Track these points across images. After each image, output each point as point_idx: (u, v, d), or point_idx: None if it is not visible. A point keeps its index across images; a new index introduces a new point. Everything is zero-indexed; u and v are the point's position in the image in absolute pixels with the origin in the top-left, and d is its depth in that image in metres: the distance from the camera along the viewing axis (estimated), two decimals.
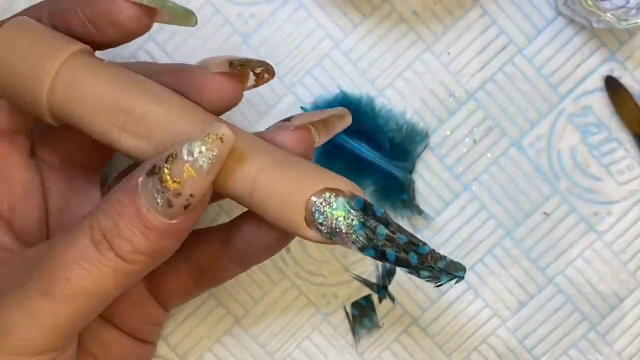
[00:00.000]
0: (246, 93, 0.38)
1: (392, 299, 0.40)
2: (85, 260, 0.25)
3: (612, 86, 0.39)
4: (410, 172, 0.39)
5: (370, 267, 0.39)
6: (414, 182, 0.39)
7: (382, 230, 0.27)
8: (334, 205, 0.27)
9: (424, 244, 0.27)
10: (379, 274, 0.40)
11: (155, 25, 0.38)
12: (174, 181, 0.25)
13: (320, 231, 0.27)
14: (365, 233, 0.27)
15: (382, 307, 0.40)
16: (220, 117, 0.30)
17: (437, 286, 0.27)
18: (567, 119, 0.39)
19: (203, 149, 0.25)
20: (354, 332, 0.40)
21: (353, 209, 0.27)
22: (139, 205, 0.25)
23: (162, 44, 0.38)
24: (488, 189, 0.39)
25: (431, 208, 0.39)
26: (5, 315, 0.26)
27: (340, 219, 0.27)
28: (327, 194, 0.27)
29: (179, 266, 0.32)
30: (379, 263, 0.39)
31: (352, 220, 0.27)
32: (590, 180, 0.39)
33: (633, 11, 0.36)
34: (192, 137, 0.25)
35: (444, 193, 0.39)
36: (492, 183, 0.39)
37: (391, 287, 0.40)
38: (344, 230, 0.27)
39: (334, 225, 0.27)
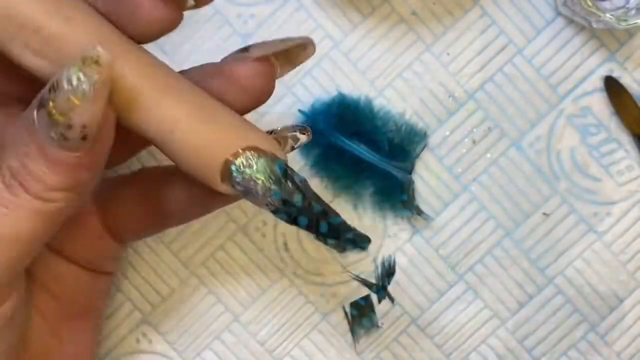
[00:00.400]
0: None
1: (392, 299, 0.40)
2: (1, 205, 0.24)
3: (612, 87, 0.39)
4: (410, 173, 0.39)
5: (369, 267, 0.40)
6: (413, 182, 0.39)
7: (299, 197, 0.26)
8: (254, 167, 0.26)
9: (337, 214, 0.27)
10: (378, 274, 0.40)
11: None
12: (61, 114, 0.23)
13: (235, 188, 0.26)
14: (282, 199, 0.26)
15: (381, 307, 0.40)
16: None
17: (340, 252, 0.28)
18: (567, 120, 0.39)
19: (81, 75, 0.23)
20: (352, 332, 0.40)
21: (273, 173, 0.26)
22: (39, 141, 0.24)
23: (161, 44, 0.38)
24: (487, 190, 0.39)
25: (431, 208, 0.39)
26: None
27: (259, 181, 0.26)
28: (249, 154, 0.26)
29: (138, 208, 0.31)
30: (379, 263, 0.39)
31: (271, 184, 0.26)
32: (589, 180, 0.39)
33: (633, 11, 0.36)
34: (70, 62, 0.23)
35: (443, 193, 0.39)
36: (492, 183, 0.39)
37: (390, 287, 0.39)
38: (260, 193, 0.26)
39: (250, 186, 0.26)
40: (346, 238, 0.28)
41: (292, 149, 0.29)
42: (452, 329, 0.40)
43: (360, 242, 0.28)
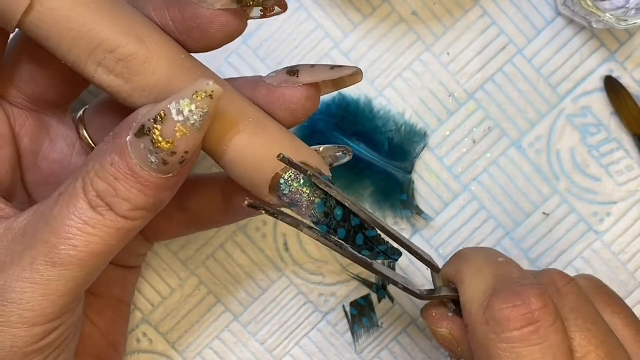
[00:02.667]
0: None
1: (392, 299, 0.40)
2: (88, 225, 0.26)
3: (612, 86, 0.39)
4: (410, 173, 0.39)
5: None
6: (413, 182, 0.39)
7: (340, 211, 0.28)
8: (302, 181, 0.28)
9: (373, 228, 0.29)
10: None
11: None
12: (167, 142, 0.25)
13: (282, 199, 0.28)
14: (325, 212, 0.28)
15: (381, 307, 0.40)
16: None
17: (372, 261, 0.30)
18: (567, 120, 0.39)
19: (193, 107, 0.25)
20: (352, 331, 0.40)
21: (317, 188, 0.28)
22: (131, 165, 0.25)
23: None
24: (488, 189, 0.39)
25: (431, 208, 0.39)
26: (14, 288, 0.26)
27: (305, 195, 0.28)
28: (295, 170, 0.27)
29: (174, 213, 0.33)
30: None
31: (315, 198, 0.28)
32: (589, 180, 0.39)
33: (632, 11, 0.36)
34: (180, 95, 0.25)
35: (443, 193, 0.39)
36: (492, 183, 0.39)
37: (390, 287, 0.40)
38: (304, 205, 0.28)
39: (296, 199, 0.28)
40: (379, 250, 0.29)
41: (331, 166, 0.31)
42: None
43: (392, 254, 0.30)
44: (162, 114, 0.25)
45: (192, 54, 0.28)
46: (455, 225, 0.40)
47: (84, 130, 0.32)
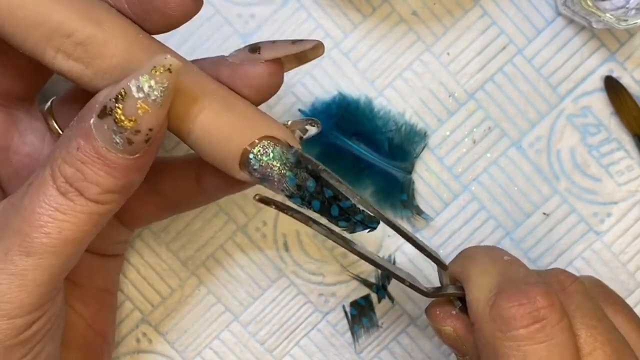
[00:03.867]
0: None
1: (391, 298, 0.40)
2: (59, 211, 0.25)
3: (612, 86, 0.39)
4: (410, 173, 0.39)
5: (369, 267, 0.40)
6: (413, 182, 0.39)
7: (312, 182, 0.28)
8: (271, 155, 0.28)
9: (347, 198, 0.29)
10: (378, 273, 0.40)
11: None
12: (130, 120, 0.25)
13: (253, 175, 0.28)
14: (296, 184, 0.28)
15: (381, 307, 0.40)
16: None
17: (351, 233, 0.30)
18: (567, 120, 0.39)
19: (152, 82, 0.24)
20: (352, 331, 0.40)
21: (288, 160, 0.28)
22: (97, 148, 0.25)
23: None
24: (488, 190, 0.39)
25: (431, 208, 0.39)
26: None
27: (275, 168, 0.28)
28: (266, 143, 0.28)
29: (147, 197, 0.33)
30: None
31: (286, 171, 0.28)
32: (589, 180, 0.39)
33: (632, 11, 0.36)
34: (139, 72, 0.25)
35: (443, 193, 0.39)
36: (492, 183, 0.39)
37: (390, 287, 0.40)
38: (276, 179, 0.28)
39: (267, 173, 0.28)
40: (356, 220, 0.29)
41: (301, 139, 0.31)
42: None
43: (369, 222, 0.30)
44: (123, 92, 0.25)
45: (153, 36, 0.28)
46: (455, 225, 0.40)
47: (53, 121, 0.31)
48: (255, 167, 0.28)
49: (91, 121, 0.25)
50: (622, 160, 0.39)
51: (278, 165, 0.28)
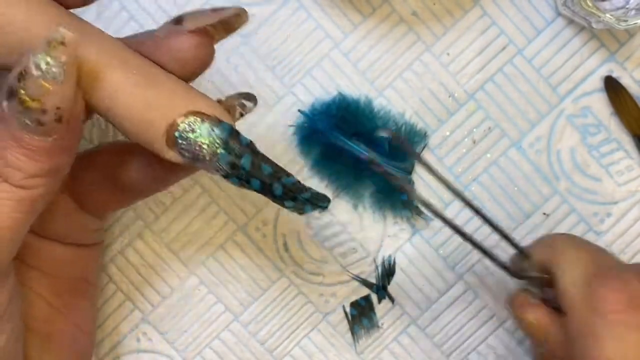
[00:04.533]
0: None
1: (391, 299, 0.40)
2: None
3: (612, 87, 0.39)
4: (410, 173, 0.39)
5: (369, 267, 0.40)
6: (413, 182, 0.39)
7: (247, 159, 0.26)
8: (198, 132, 0.26)
9: (289, 174, 0.27)
10: (378, 274, 0.40)
11: (154, 26, 0.39)
12: (34, 99, 0.24)
13: (183, 156, 0.26)
14: (229, 162, 0.26)
15: (381, 307, 0.40)
16: None
17: (301, 214, 0.28)
18: (567, 120, 0.39)
19: (48, 59, 0.23)
20: (352, 332, 0.40)
21: (218, 136, 0.26)
22: (13, 131, 0.24)
23: None
24: (488, 190, 0.39)
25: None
26: None
27: (204, 146, 0.26)
28: (192, 118, 0.26)
29: (104, 185, 0.32)
30: (378, 263, 0.40)
31: (217, 148, 0.26)
32: (589, 180, 0.39)
33: (632, 12, 0.36)
34: (35, 49, 0.23)
35: (443, 193, 0.39)
36: (492, 184, 0.39)
37: (390, 287, 0.40)
38: (207, 158, 0.26)
39: (196, 151, 0.26)
40: (303, 198, 0.27)
41: (241, 115, 0.29)
42: (452, 329, 0.40)
43: (318, 201, 0.28)
44: (23, 72, 0.23)
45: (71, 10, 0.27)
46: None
47: None
48: (183, 145, 0.26)
49: (3, 104, 0.24)
50: (622, 160, 0.39)
51: (207, 142, 0.26)
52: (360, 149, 0.38)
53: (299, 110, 0.39)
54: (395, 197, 0.39)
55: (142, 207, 0.39)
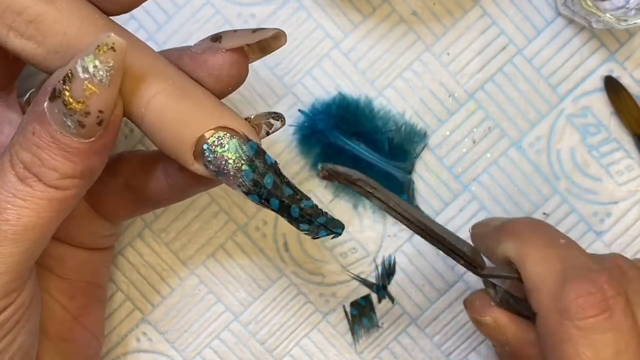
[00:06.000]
0: (246, 94, 0.39)
1: (392, 299, 0.40)
2: (17, 197, 0.25)
3: (612, 86, 0.39)
4: (410, 173, 0.39)
5: (369, 267, 0.40)
6: (413, 182, 0.39)
7: (270, 179, 0.27)
8: (226, 147, 0.26)
9: (308, 198, 0.28)
10: (378, 274, 0.40)
11: (154, 25, 0.39)
12: (78, 102, 0.24)
13: (208, 168, 0.27)
14: (253, 179, 0.27)
15: (381, 307, 0.40)
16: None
17: (314, 238, 0.28)
18: (567, 120, 0.39)
19: (97, 62, 0.24)
20: (353, 331, 0.40)
21: (245, 153, 0.27)
22: (52, 132, 0.25)
23: (161, 44, 0.38)
24: (487, 190, 0.39)
25: (431, 208, 0.39)
26: None
27: (230, 161, 0.26)
28: (221, 133, 0.26)
29: (122, 192, 0.32)
30: (378, 263, 0.40)
31: (242, 164, 0.26)
32: (589, 180, 0.39)
33: (632, 11, 0.36)
34: (84, 52, 0.24)
35: (443, 193, 0.39)
36: (492, 183, 0.39)
37: (390, 287, 0.40)
38: (231, 173, 0.26)
39: (222, 166, 0.26)
40: (319, 223, 0.28)
41: (267, 134, 0.30)
42: (452, 329, 0.40)
43: (333, 227, 0.28)
44: (70, 74, 0.24)
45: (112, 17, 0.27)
46: (455, 225, 0.40)
47: None
48: (209, 158, 0.26)
49: (44, 105, 0.25)
50: (622, 160, 0.39)
51: (233, 158, 0.26)
52: (360, 149, 0.38)
53: (299, 110, 0.39)
54: None
55: None
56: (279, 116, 0.30)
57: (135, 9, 0.38)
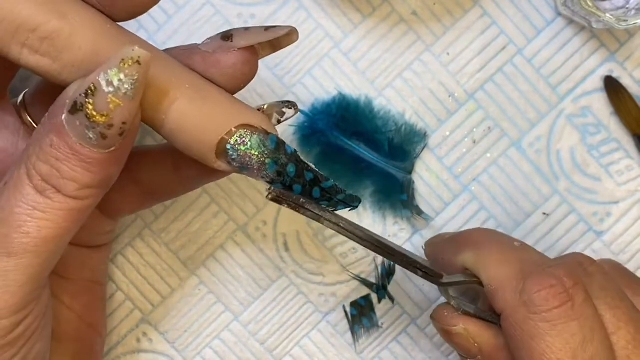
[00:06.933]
0: (245, 93, 0.38)
1: (392, 299, 0.40)
2: (37, 210, 0.25)
3: (612, 86, 0.39)
4: (410, 173, 0.39)
5: (369, 267, 0.40)
6: (413, 182, 0.39)
7: (292, 168, 0.28)
8: (249, 144, 0.27)
9: (327, 179, 0.29)
10: (378, 273, 0.40)
11: (154, 25, 0.39)
12: (102, 115, 0.24)
13: (231, 165, 0.27)
14: (277, 170, 0.28)
15: (381, 307, 0.40)
16: None
17: (333, 211, 0.30)
18: (567, 120, 0.39)
19: (122, 76, 0.24)
20: (353, 331, 0.40)
21: (267, 148, 0.27)
22: (71, 144, 0.25)
23: (161, 44, 0.38)
24: (487, 190, 0.39)
25: (431, 208, 0.39)
26: None
27: (254, 157, 0.27)
28: (242, 132, 0.27)
29: (127, 187, 0.32)
30: (379, 263, 0.40)
31: (265, 159, 0.27)
32: (589, 180, 0.39)
33: (632, 12, 0.36)
34: (107, 65, 0.24)
35: (443, 193, 0.39)
36: (492, 183, 0.39)
37: (390, 287, 0.40)
38: (255, 167, 0.27)
39: (246, 162, 0.27)
40: (338, 199, 0.30)
41: (278, 122, 0.30)
42: None
43: (351, 201, 0.30)
44: (92, 87, 0.24)
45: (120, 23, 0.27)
46: (455, 225, 0.40)
47: (27, 115, 0.31)
48: (233, 157, 0.27)
49: (63, 117, 0.25)
50: (622, 160, 0.39)
51: (257, 153, 0.27)
52: (360, 149, 0.38)
53: (300, 112, 0.39)
54: (395, 197, 0.39)
55: None
56: (292, 104, 0.31)
57: None
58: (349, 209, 0.30)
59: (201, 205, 0.39)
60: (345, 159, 0.38)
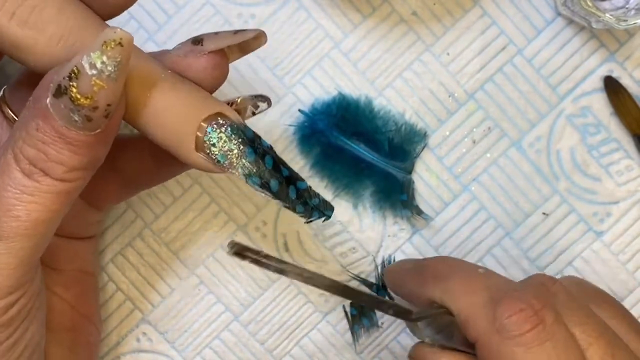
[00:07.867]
0: (245, 93, 0.38)
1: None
2: (26, 193, 0.26)
3: (612, 87, 0.39)
4: (410, 173, 0.39)
5: (369, 267, 0.40)
6: (413, 182, 0.39)
7: (270, 159, 0.28)
8: (229, 131, 0.27)
9: (302, 179, 0.29)
10: (378, 274, 0.40)
11: (154, 25, 0.39)
12: (86, 97, 0.24)
13: (209, 155, 0.27)
14: (255, 160, 0.28)
15: None
16: None
17: (308, 222, 0.30)
18: (567, 120, 0.39)
19: (104, 58, 0.24)
20: (352, 331, 0.40)
21: (246, 135, 0.28)
22: (57, 127, 0.25)
23: (161, 44, 0.38)
24: (487, 189, 0.39)
25: (430, 208, 0.39)
26: None
27: (234, 142, 0.27)
28: (221, 120, 0.27)
29: (107, 175, 0.32)
30: (378, 263, 0.40)
31: (244, 146, 0.27)
32: (589, 180, 0.39)
33: (632, 12, 0.36)
34: (89, 48, 0.24)
35: (443, 193, 0.40)
36: (492, 183, 0.39)
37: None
38: (235, 153, 0.27)
39: (226, 148, 0.27)
40: (313, 205, 0.29)
41: (253, 114, 0.31)
42: None
43: (325, 209, 0.30)
44: (76, 70, 0.24)
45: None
46: (455, 225, 0.40)
47: (7, 109, 0.31)
48: (213, 141, 0.27)
49: (47, 101, 0.25)
50: (621, 160, 0.39)
51: (236, 141, 0.27)
52: (360, 149, 0.38)
53: (299, 110, 0.39)
54: (395, 197, 0.39)
55: (142, 207, 0.39)
56: (264, 98, 0.31)
57: (135, 9, 0.38)
58: (323, 218, 0.30)
59: (201, 205, 0.39)
60: (345, 159, 0.38)
